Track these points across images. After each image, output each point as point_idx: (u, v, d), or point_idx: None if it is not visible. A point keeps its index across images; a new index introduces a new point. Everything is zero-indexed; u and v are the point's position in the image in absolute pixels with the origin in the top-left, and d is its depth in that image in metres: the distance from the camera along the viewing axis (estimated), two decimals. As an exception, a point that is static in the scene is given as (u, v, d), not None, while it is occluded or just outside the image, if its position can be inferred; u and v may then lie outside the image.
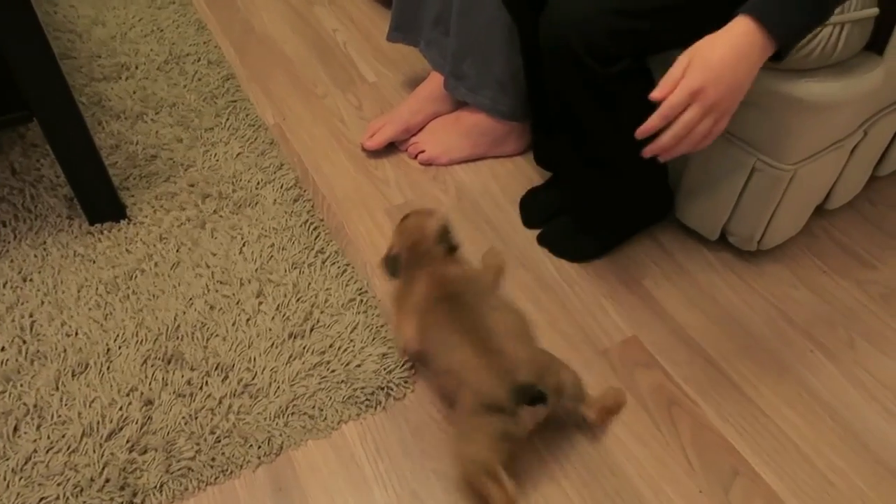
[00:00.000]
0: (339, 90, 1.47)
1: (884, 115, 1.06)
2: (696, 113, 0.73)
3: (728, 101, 0.74)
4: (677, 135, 0.74)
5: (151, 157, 1.27)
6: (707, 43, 0.73)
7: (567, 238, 1.12)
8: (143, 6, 1.68)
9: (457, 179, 1.27)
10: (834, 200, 1.16)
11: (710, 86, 0.72)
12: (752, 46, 0.72)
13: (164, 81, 1.45)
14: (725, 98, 0.73)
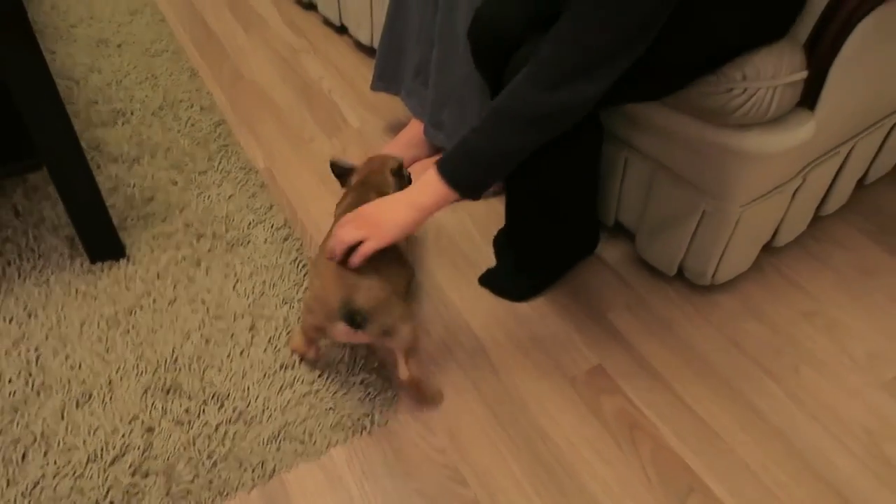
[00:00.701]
0: (325, 135, 1.56)
1: (820, 162, 1.18)
2: (353, 226, 0.93)
3: (375, 234, 0.91)
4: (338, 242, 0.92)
5: (148, 199, 1.35)
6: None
7: (506, 279, 1.22)
8: (138, 54, 1.78)
9: (436, 219, 1.36)
10: (780, 238, 1.27)
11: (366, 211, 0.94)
12: (427, 193, 0.91)
13: (159, 126, 1.54)
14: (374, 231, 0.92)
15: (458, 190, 0.90)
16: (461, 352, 1.13)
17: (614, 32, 0.80)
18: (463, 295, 1.22)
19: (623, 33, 0.80)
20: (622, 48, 0.81)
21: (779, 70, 0.95)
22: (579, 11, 0.80)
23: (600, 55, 0.81)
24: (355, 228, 0.91)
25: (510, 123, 0.87)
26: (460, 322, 1.17)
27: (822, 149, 1.15)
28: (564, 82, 0.83)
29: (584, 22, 0.80)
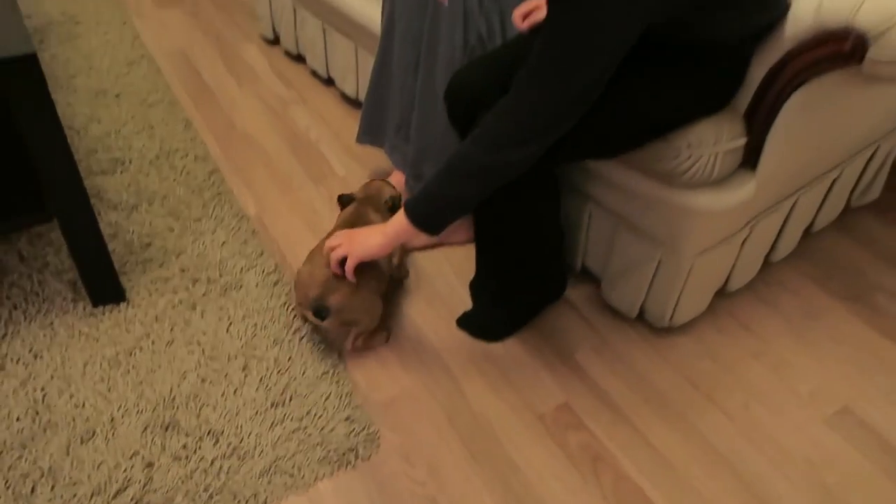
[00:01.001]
0: (313, 183, 1.67)
1: (765, 215, 1.30)
2: (334, 240, 1.16)
3: (351, 250, 1.12)
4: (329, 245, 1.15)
5: (146, 245, 1.44)
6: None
7: (481, 321, 1.32)
8: (135, 104, 1.88)
9: (416, 264, 1.46)
10: (733, 284, 1.38)
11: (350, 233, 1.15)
12: (394, 225, 1.09)
13: (156, 175, 1.63)
14: (351, 246, 1.13)
15: (416, 226, 1.06)
16: (439, 389, 1.22)
17: (546, 111, 0.94)
18: (440, 336, 1.31)
19: (553, 112, 0.94)
20: (553, 123, 0.95)
21: (720, 138, 1.08)
22: (518, 89, 0.94)
23: (533, 128, 0.95)
24: (340, 243, 1.13)
25: (460, 175, 1.01)
26: (438, 361, 1.26)
27: (765, 204, 1.27)
28: (503, 146, 0.97)
29: (521, 99, 0.94)
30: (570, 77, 0.91)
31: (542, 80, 0.93)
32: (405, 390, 1.21)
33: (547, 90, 0.93)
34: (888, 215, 1.65)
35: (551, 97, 0.93)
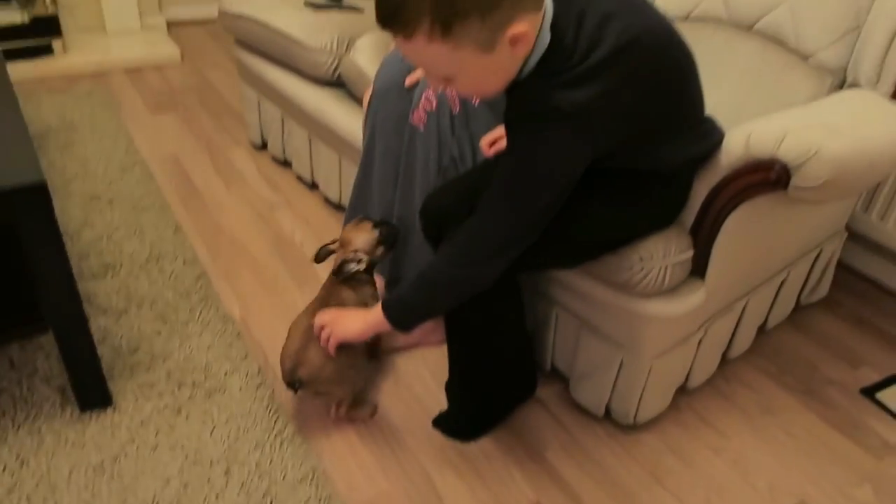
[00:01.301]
0: (297, 286, 1.75)
1: (718, 317, 1.39)
2: (320, 321, 1.27)
3: (335, 327, 1.23)
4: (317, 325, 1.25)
5: (134, 350, 1.50)
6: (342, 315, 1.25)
7: (455, 421, 1.38)
8: (127, 209, 1.97)
9: (394, 365, 1.53)
10: (693, 381, 1.46)
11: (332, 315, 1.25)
12: (371, 316, 1.20)
13: (146, 279, 1.71)
14: (335, 325, 1.23)
15: (390, 322, 1.16)
16: (415, 492, 1.26)
17: (506, 231, 1.05)
18: (417, 437, 1.37)
19: (513, 233, 1.05)
20: (513, 242, 1.06)
21: (669, 252, 1.18)
22: (482, 211, 1.06)
23: (496, 245, 1.06)
24: (325, 322, 1.25)
25: (432, 285, 1.12)
26: (415, 463, 1.31)
27: (716, 307, 1.37)
28: (470, 262, 1.08)
29: (484, 220, 1.06)
30: (525, 203, 1.02)
31: (502, 205, 1.04)
32: (383, 493, 1.25)
33: (506, 213, 1.04)
34: (837, 311, 1.76)
35: (510, 219, 1.04)
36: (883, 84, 1.31)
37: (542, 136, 0.96)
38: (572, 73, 0.93)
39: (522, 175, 1.00)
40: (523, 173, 1.00)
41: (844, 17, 1.39)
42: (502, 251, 1.07)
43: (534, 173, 1.00)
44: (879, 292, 1.82)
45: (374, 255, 1.41)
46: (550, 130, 0.95)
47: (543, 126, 0.94)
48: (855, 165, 1.09)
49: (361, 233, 1.41)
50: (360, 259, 1.39)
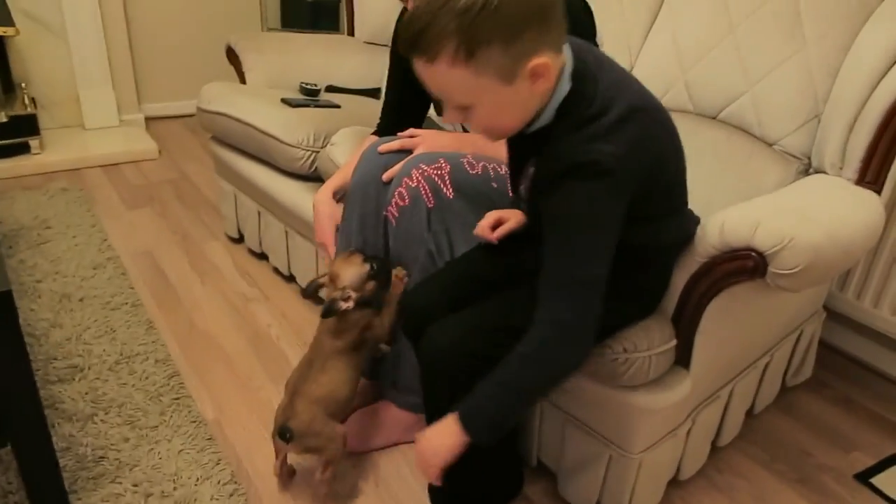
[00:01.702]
0: (272, 382, 1.69)
1: (706, 405, 1.37)
2: (420, 465, 1.10)
3: (431, 462, 1.08)
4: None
5: (99, 459, 1.42)
6: (425, 435, 1.08)
7: None
8: (98, 308, 1.92)
9: (375, 465, 1.47)
10: (684, 472, 1.42)
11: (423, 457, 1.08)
12: (451, 434, 1.05)
13: (115, 381, 1.64)
14: (429, 459, 1.08)
15: (475, 438, 1.05)
16: None
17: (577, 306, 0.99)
18: (400, 543, 1.30)
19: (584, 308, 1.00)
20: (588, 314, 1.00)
21: (652, 342, 1.17)
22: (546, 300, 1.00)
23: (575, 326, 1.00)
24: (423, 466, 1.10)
25: (527, 394, 1.05)
26: (398, 573, 1.24)
27: (703, 395, 1.34)
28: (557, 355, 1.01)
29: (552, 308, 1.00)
30: (588, 249, 0.98)
31: (565, 285, 0.99)
32: None
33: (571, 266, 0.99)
34: (823, 392, 1.74)
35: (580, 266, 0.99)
36: (847, 170, 1.34)
37: (586, 188, 0.95)
38: (600, 126, 0.94)
39: (578, 226, 0.97)
40: (577, 225, 0.97)
41: (804, 106, 1.44)
42: (586, 328, 1.00)
43: (588, 224, 0.97)
44: (863, 371, 1.81)
45: (364, 292, 1.33)
46: (592, 182, 0.94)
47: (585, 178, 0.94)
48: (830, 252, 1.10)
49: (350, 266, 1.33)
50: (348, 297, 1.31)
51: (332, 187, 1.57)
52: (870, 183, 1.32)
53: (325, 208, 1.56)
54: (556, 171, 0.96)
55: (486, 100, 0.93)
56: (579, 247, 0.98)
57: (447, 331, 1.14)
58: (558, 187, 0.96)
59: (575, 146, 0.95)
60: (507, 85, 0.91)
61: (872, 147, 1.31)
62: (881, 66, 1.30)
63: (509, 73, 0.90)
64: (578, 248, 0.98)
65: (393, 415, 1.51)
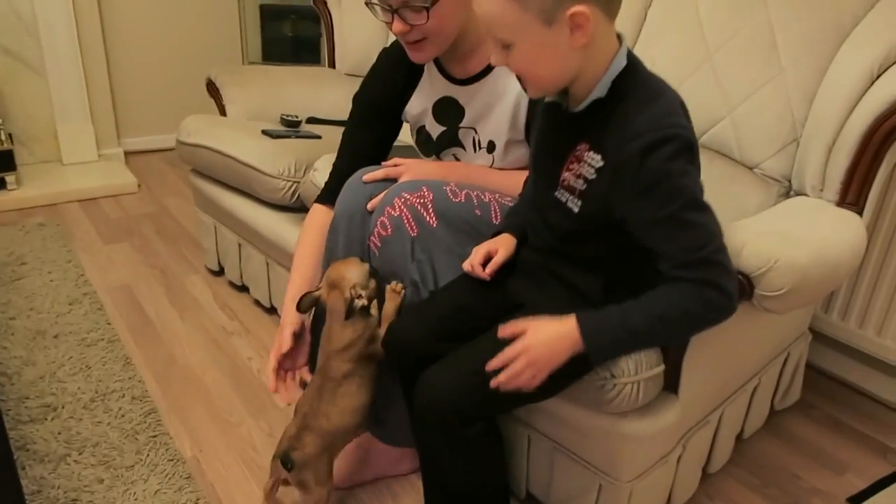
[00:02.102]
0: (252, 418, 1.65)
1: (695, 430, 1.34)
2: (521, 364, 1.00)
3: (541, 365, 1.01)
4: (509, 375, 1.01)
5: (72, 501, 1.37)
6: (539, 323, 1.02)
7: None
8: (73, 344, 1.87)
9: (358, 499, 1.42)
10: (676, 500, 1.39)
11: (532, 350, 1.00)
12: (570, 345, 1.00)
13: (89, 420, 1.59)
14: (540, 362, 1.00)
15: (587, 347, 1.00)
16: None
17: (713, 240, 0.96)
18: (387, 582, 1.25)
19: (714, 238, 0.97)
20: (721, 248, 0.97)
21: (640, 367, 1.14)
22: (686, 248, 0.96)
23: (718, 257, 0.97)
24: (522, 370, 1.01)
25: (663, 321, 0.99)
26: None
27: (693, 420, 1.32)
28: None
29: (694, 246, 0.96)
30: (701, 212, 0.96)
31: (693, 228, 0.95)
32: None
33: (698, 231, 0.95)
34: (812, 413, 1.72)
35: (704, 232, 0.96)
36: (828, 191, 1.35)
37: (676, 163, 0.94)
38: (666, 104, 0.97)
39: (678, 195, 0.94)
40: (678, 192, 0.94)
41: (782, 130, 1.45)
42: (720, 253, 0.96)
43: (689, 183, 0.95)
44: (851, 392, 1.80)
45: (370, 290, 1.28)
46: (682, 157, 0.94)
47: (672, 154, 0.93)
48: (816, 273, 1.10)
49: (351, 267, 1.28)
50: (360, 295, 1.25)
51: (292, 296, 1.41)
52: (851, 204, 1.33)
53: (284, 318, 1.40)
54: (634, 149, 0.94)
55: (525, 39, 0.94)
56: (698, 220, 0.95)
57: (443, 377, 1.10)
58: (642, 166, 0.93)
59: (649, 121, 0.94)
60: (547, 27, 0.92)
61: (852, 168, 1.32)
62: (858, 88, 1.32)
63: (550, 14, 0.91)
64: (698, 222, 0.95)
65: (378, 448, 1.47)
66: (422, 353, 1.17)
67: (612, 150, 0.98)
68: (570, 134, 1.05)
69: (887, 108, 1.28)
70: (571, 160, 1.05)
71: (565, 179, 1.06)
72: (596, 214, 1.03)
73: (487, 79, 1.39)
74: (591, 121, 1.01)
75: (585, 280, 1.10)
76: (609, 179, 0.99)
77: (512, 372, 1.01)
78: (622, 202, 0.98)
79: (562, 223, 1.09)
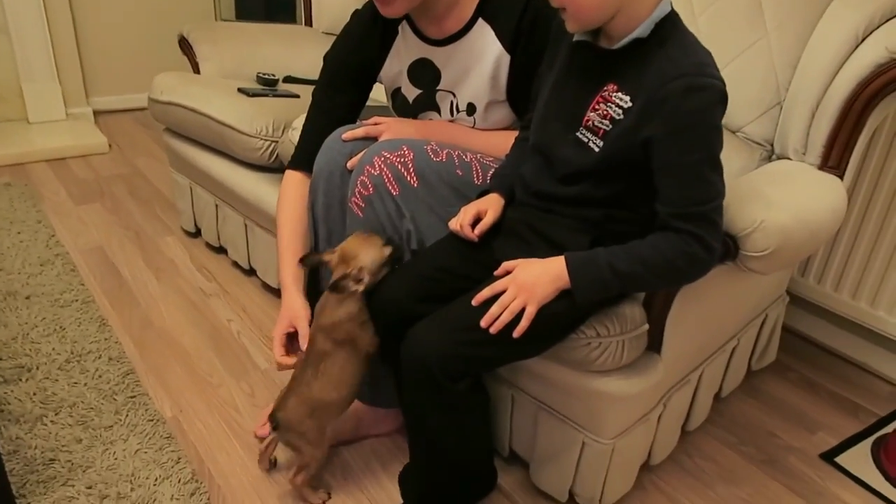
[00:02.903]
0: (233, 379, 1.64)
1: (676, 389, 1.37)
2: (510, 294, 1.04)
3: (529, 295, 1.04)
4: (499, 304, 1.04)
5: (49, 461, 1.35)
6: (529, 260, 1.06)
7: None
8: (46, 305, 1.83)
9: (342, 459, 1.43)
10: (656, 457, 1.41)
11: (520, 279, 1.05)
12: (557, 278, 1.04)
13: (65, 381, 1.56)
14: (528, 290, 1.04)
15: (573, 285, 1.04)
16: None
17: (716, 197, 1.01)
18: (370, 538, 1.26)
19: (719, 196, 1.01)
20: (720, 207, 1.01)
21: (624, 326, 1.15)
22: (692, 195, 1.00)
23: (715, 216, 1.01)
24: (515, 295, 1.05)
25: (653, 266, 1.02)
26: (369, 570, 1.20)
27: (674, 379, 1.34)
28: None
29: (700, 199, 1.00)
30: (717, 162, 1.00)
31: (708, 181, 0.99)
32: None
33: (712, 183, 0.99)
34: (787, 374, 1.76)
35: (717, 185, 1.00)
36: (810, 155, 1.36)
37: (711, 112, 0.96)
38: (705, 56, 0.98)
39: (706, 145, 0.98)
40: (707, 142, 0.98)
41: (766, 94, 1.46)
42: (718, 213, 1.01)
43: (714, 138, 0.98)
44: (825, 354, 1.85)
45: (376, 278, 1.21)
46: (716, 107, 0.97)
47: (709, 101, 0.95)
48: (799, 234, 1.11)
49: (371, 249, 1.20)
50: (361, 279, 1.20)
51: (290, 276, 1.38)
52: (832, 168, 1.34)
53: (286, 302, 1.36)
54: (678, 87, 0.94)
55: None
56: (711, 176, 0.98)
57: (431, 333, 1.09)
58: (681, 105, 0.95)
59: (694, 66, 0.96)
60: None
61: (834, 132, 1.33)
62: (842, 52, 1.32)
63: None
64: (710, 178, 0.98)
65: (359, 408, 1.47)
66: (405, 314, 1.16)
67: (648, 89, 0.98)
68: (598, 74, 1.05)
69: (871, 73, 1.28)
70: (598, 100, 1.04)
71: (589, 119, 1.05)
72: (617, 155, 1.03)
73: (464, 40, 1.36)
74: (624, 61, 1.00)
75: (571, 239, 1.09)
76: (637, 119, 0.99)
77: (502, 302, 1.04)
78: (653, 139, 0.98)
79: (576, 162, 1.07)
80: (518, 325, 1.04)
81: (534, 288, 1.04)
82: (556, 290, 1.05)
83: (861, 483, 1.43)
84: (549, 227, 1.13)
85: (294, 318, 1.31)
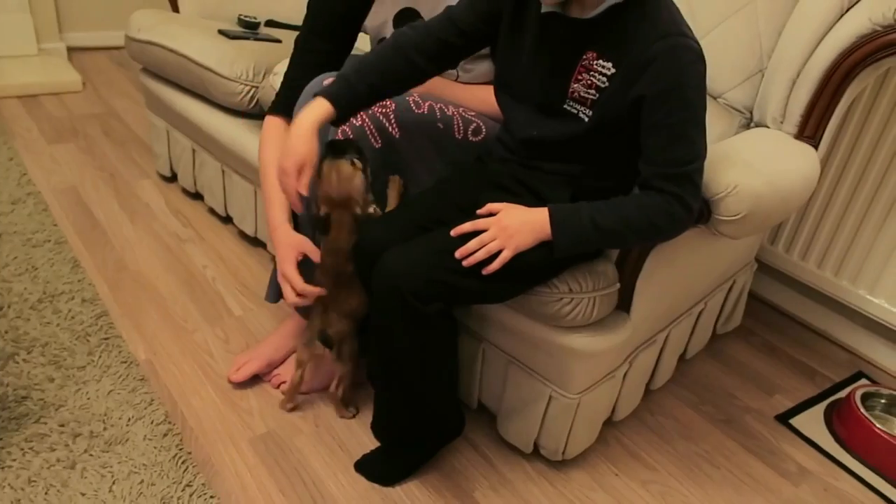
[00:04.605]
0: (208, 324, 1.64)
1: (643, 349, 1.40)
2: (491, 233, 1.07)
3: (508, 236, 1.07)
4: (479, 240, 1.07)
5: (22, 399, 1.35)
6: (514, 208, 1.09)
7: (378, 464, 1.31)
8: (18, 245, 1.81)
9: (315, 408, 1.45)
10: (619, 413, 1.46)
11: (503, 221, 1.07)
12: (539, 229, 1.07)
13: (37, 320, 1.56)
14: (509, 231, 1.07)
15: (555, 235, 1.07)
16: (338, 542, 1.18)
17: (700, 156, 1.05)
18: (339, 481, 1.29)
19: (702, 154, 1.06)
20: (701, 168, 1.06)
21: (597, 283, 1.18)
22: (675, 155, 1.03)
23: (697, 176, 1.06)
24: (495, 236, 1.07)
25: (632, 219, 1.05)
26: (337, 511, 1.24)
27: (641, 339, 1.38)
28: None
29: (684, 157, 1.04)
30: (702, 121, 1.03)
31: (692, 136, 1.03)
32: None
33: (697, 139, 1.03)
34: (750, 339, 1.82)
35: (701, 141, 1.04)
36: (787, 124, 1.38)
37: (695, 70, 0.99)
38: (683, 26, 0.99)
39: (692, 105, 1.01)
40: (693, 102, 1.00)
41: (749, 61, 1.46)
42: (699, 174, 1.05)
43: (699, 98, 1.01)
44: (788, 321, 1.90)
45: (370, 201, 1.26)
46: (698, 66, 0.99)
47: (691, 60, 0.98)
48: (770, 200, 1.13)
49: (352, 180, 1.22)
50: (371, 211, 1.26)
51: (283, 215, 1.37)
52: (808, 137, 1.36)
53: (285, 239, 1.33)
54: (662, 47, 0.97)
55: None
56: (694, 137, 1.01)
57: (405, 256, 1.11)
58: (667, 65, 0.97)
59: (674, 26, 0.98)
60: None
61: (812, 103, 1.35)
62: (827, 21, 1.33)
63: None
64: (693, 139, 1.01)
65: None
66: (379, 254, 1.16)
67: (631, 53, 0.99)
68: (573, 44, 1.05)
69: (852, 43, 1.29)
70: (580, 70, 1.05)
71: (574, 91, 1.06)
72: (607, 121, 1.05)
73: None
74: (601, 28, 1.00)
75: (554, 192, 1.12)
76: (622, 83, 1.01)
77: (481, 239, 1.07)
78: (641, 100, 1.00)
79: (568, 132, 1.09)
80: (490, 264, 1.06)
81: (515, 234, 1.06)
82: (536, 240, 1.07)
83: (813, 444, 1.50)
84: (533, 180, 1.16)
85: (298, 245, 1.31)
